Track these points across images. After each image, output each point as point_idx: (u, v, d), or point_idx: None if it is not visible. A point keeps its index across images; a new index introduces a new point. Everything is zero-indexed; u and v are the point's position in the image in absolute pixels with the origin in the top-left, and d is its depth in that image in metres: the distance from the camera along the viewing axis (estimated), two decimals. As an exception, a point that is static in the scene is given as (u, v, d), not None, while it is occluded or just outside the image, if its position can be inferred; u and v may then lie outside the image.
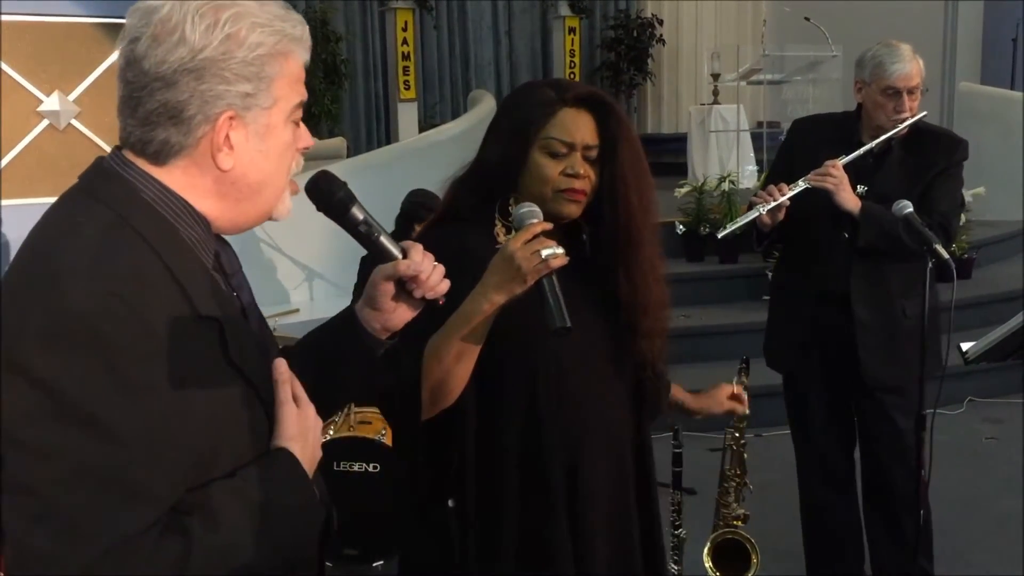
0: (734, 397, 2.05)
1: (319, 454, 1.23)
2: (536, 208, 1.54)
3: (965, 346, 1.97)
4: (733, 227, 2.82)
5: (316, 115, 8.96)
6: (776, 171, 3.09)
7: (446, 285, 1.32)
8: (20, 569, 0.98)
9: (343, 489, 3.31)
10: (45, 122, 4.14)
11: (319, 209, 1.28)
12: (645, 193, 1.67)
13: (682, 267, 6.12)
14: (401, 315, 1.33)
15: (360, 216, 1.29)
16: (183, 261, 1.10)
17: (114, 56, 1.17)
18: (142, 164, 1.12)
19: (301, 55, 1.16)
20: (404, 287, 1.31)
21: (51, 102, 4.14)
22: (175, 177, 1.12)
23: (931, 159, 2.84)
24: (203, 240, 1.14)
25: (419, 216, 3.94)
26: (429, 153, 6.45)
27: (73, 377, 0.97)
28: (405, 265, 1.28)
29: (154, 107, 1.09)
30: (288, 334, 3.23)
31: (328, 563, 1.41)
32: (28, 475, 0.97)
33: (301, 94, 1.17)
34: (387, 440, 3.36)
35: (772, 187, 2.74)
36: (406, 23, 9.15)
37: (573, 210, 1.65)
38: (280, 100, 1.14)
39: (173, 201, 1.12)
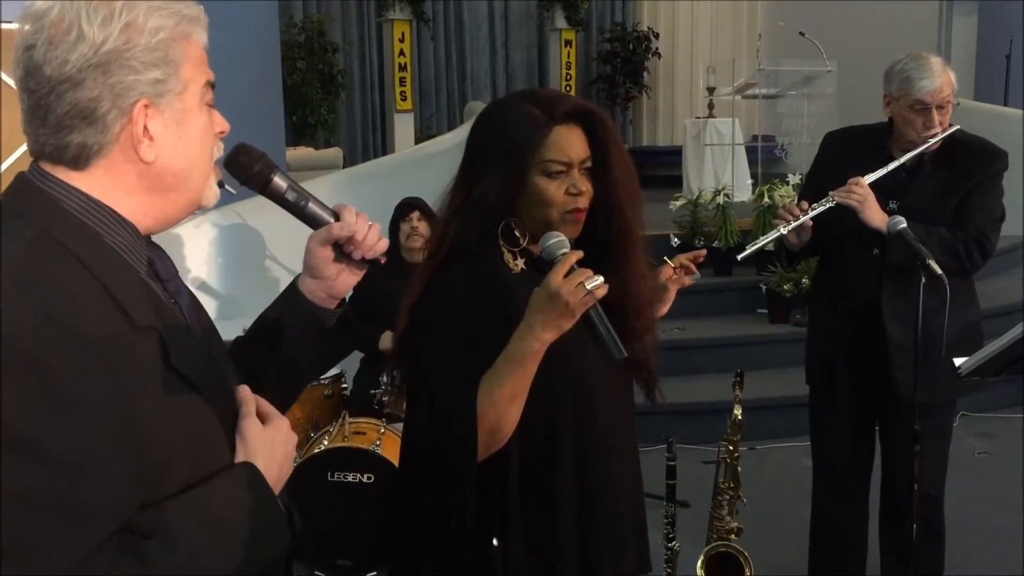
0: (674, 278, 1.95)
1: (288, 470, 1.19)
2: (564, 238, 1.52)
3: (958, 361, 1.96)
4: (754, 247, 2.71)
5: (313, 125, 8.99)
6: (809, 184, 3.01)
7: (384, 244, 1.31)
8: None
9: (337, 499, 3.30)
10: (42, 130, 4.15)
11: (241, 183, 1.26)
12: (635, 197, 1.68)
13: (677, 280, 6.12)
14: (344, 280, 1.32)
15: (284, 184, 1.27)
16: (113, 271, 1.06)
17: None
18: (62, 174, 1.08)
19: (200, 36, 1.13)
20: (343, 250, 1.29)
21: (48, 110, 4.15)
22: (97, 179, 1.08)
23: (966, 172, 2.72)
24: (132, 246, 1.10)
25: (402, 215, 3.96)
26: (425, 164, 6.45)
27: (6, 402, 0.93)
28: (339, 227, 1.27)
29: (65, 111, 1.05)
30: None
31: (321, 574, 1.40)
32: None
33: (208, 75, 1.14)
34: (381, 450, 3.36)
35: (794, 206, 2.69)
36: (403, 34, 9.18)
37: (574, 230, 1.64)
38: (190, 83, 1.11)
39: (96, 209, 1.08)
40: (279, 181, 1.26)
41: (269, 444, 1.15)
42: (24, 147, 4.06)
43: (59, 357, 0.95)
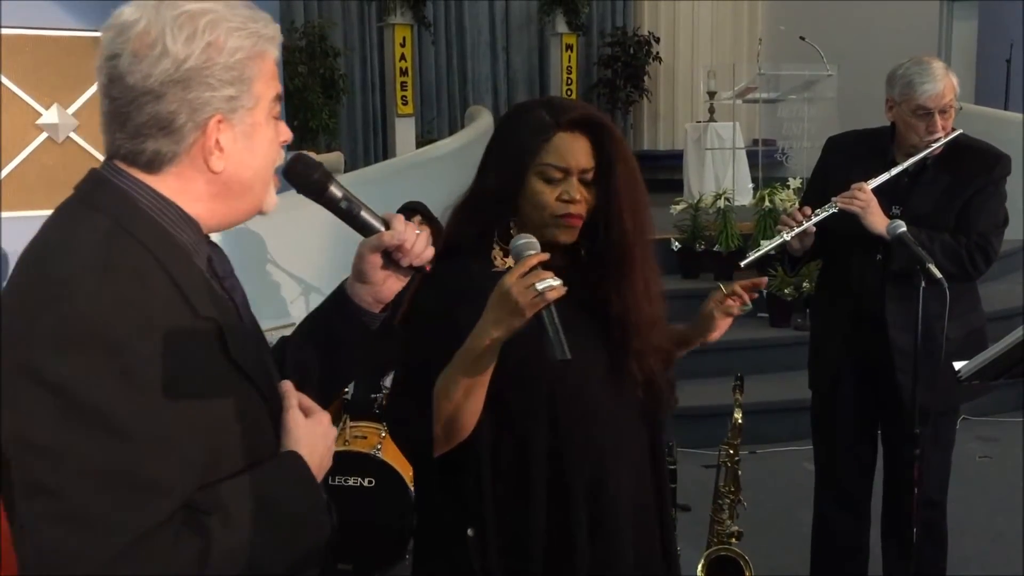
0: (727, 299, 1.88)
1: (328, 463, 1.25)
2: (534, 240, 1.52)
3: (958, 365, 1.96)
4: (757, 253, 2.69)
5: (314, 129, 8.98)
6: (812, 188, 3.01)
7: (430, 252, 1.36)
8: (44, 569, 1.01)
9: (338, 503, 3.28)
10: (44, 135, 4.15)
11: (299, 191, 1.31)
12: (640, 213, 1.67)
13: (677, 283, 6.12)
14: (391, 286, 1.38)
15: (339, 193, 1.32)
16: (180, 264, 1.13)
17: None
18: (135, 173, 1.14)
19: (273, 52, 1.20)
20: (391, 258, 1.35)
21: (50, 115, 4.15)
22: (168, 183, 1.15)
23: (969, 177, 2.72)
24: (196, 244, 1.18)
25: (405, 219, 3.98)
26: (426, 168, 6.46)
27: (83, 378, 1.00)
28: (389, 236, 1.32)
29: (144, 120, 1.11)
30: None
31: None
32: (45, 476, 1.00)
33: (277, 88, 1.21)
34: (382, 455, 3.36)
35: (797, 211, 2.68)
36: (404, 39, 9.19)
37: (569, 236, 1.65)
38: (261, 98, 1.17)
39: (166, 207, 1.15)
40: (335, 190, 1.32)
41: (311, 435, 1.21)
42: (22, 157, 4.08)
43: (133, 340, 1.02)
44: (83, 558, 0.99)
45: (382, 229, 1.33)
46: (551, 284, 1.42)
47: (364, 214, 1.33)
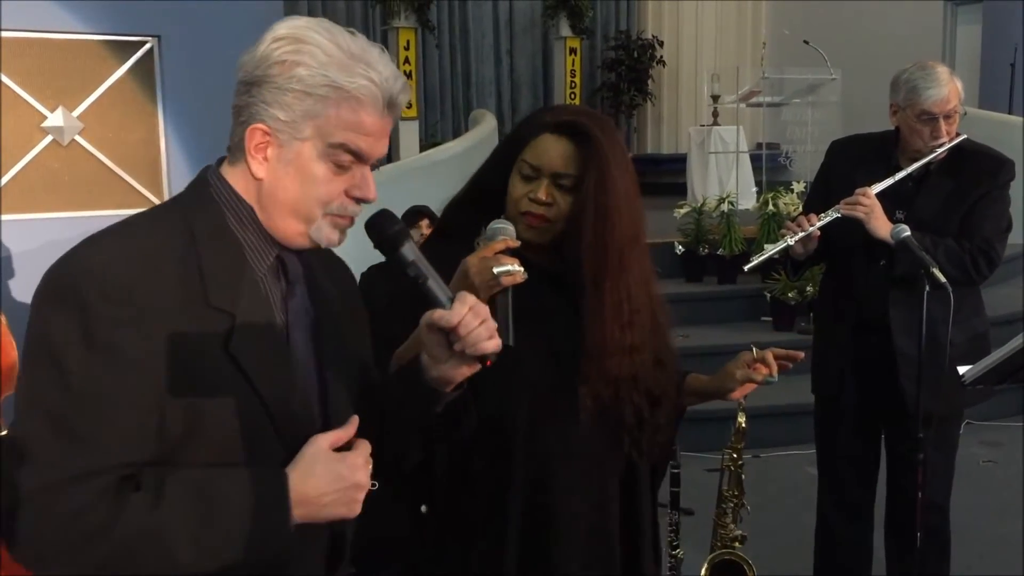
0: (754, 364, 1.80)
1: (335, 507, 1.20)
2: (509, 227, 1.54)
3: (962, 370, 1.96)
4: (760, 258, 2.69)
5: (318, 133, 9.00)
6: (815, 193, 3.00)
7: (495, 344, 1.24)
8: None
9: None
10: (49, 138, 4.16)
11: (374, 246, 1.28)
12: (610, 231, 1.58)
13: (681, 287, 6.12)
14: (456, 369, 1.27)
15: (409, 257, 1.26)
16: (220, 256, 1.19)
17: (118, 73, 1.23)
18: (225, 169, 1.25)
19: (356, 107, 1.20)
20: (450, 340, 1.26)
21: (55, 118, 4.16)
22: (239, 178, 1.24)
23: (973, 182, 2.71)
24: (257, 244, 1.23)
25: (410, 222, 3.99)
26: (430, 172, 6.47)
27: (53, 328, 1.10)
28: (439, 315, 1.23)
29: (234, 104, 1.23)
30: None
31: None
32: (18, 405, 1.13)
33: (347, 139, 1.21)
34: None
35: (802, 217, 2.68)
36: (408, 42, 9.19)
37: (532, 235, 1.62)
38: (317, 138, 1.21)
39: (238, 204, 1.23)
40: (405, 253, 1.26)
41: (315, 465, 1.19)
42: (27, 160, 4.09)
43: (101, 303, 1.09)
44: (18, 485, 1.08)
45: (445, 304, 1.24)
46: (509, 269, 1.43)
47: (430, 284, 1.25)
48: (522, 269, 1.45)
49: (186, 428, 1.13)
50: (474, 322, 1.23)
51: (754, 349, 1.82)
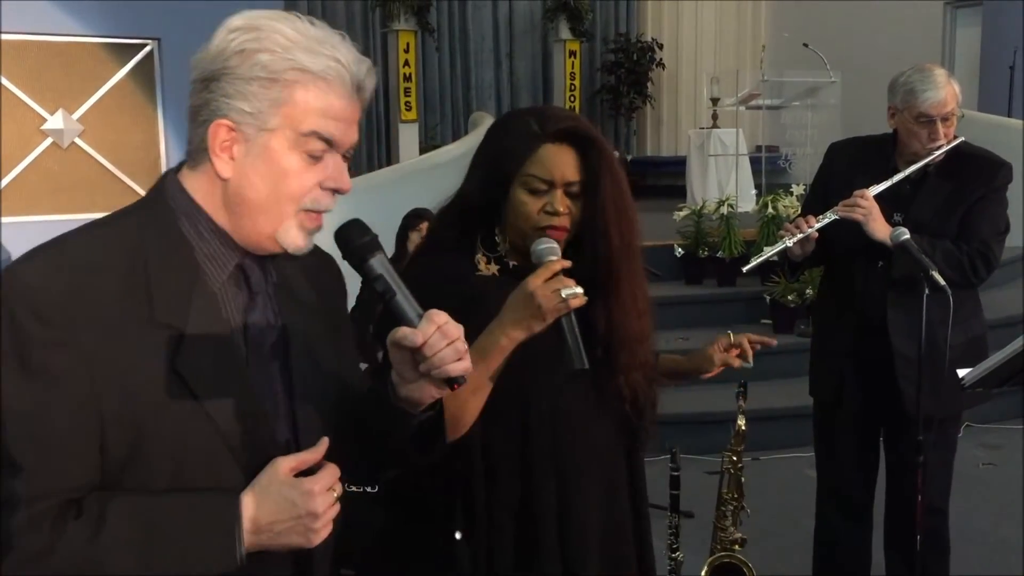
0: (731, 349, 1.93)
1: (289, 535, 1.12)
2: (555, 245, 1.54)
3: (962, 373, 1.96)
4: (759, 259, 2.71)
5: (317, 135, 8.99)
6: (813, 195, 3.00)
7: (463, 366, 1.17)
8: None
9: (340, 509, 3.30)
10: (49, 140, 4.17)
11: (343, 256, 1.22)
12: (627, 227, 1.64)
13: (680, 290, 6.12)
14: (424, 390, 1.21)
15: (377, 271, 1.19)
16: (170, 270, 1.12)
17: (118, 75, 1.21)
18: (185, 176, 1.18)
19: (324, 89, 1.14)
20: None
21: (55, 120, 4.17)
22: (201, 183, 1.17)
23: (970, 184, 2.72)
24: (218, 255, 1.16)
25: (411, 225, 4.00)
26: (430, 174, 6.47)
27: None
28: (403, 333, 1.16)
29: (188, 105, 1.17)
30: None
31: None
32: None
33: (316, 126, 1.15)
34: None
35: (800, 219, 2.68)
36: (408, 45, 9.20)
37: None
38: (285, 127, 1.14)
39: (196, 215, 1.16)
40: (373, 265, 1.19)
41: (267, 488, 1.11)
42: (27, 162, 4.09)
43: (33, 325, 1.04)
44: None
45: (413, 322, 1.16)
46: (575, 292, 1.44)
47: (398, 300, 1.18)
48: (582, 290, 1.45)
49: (131, 451, 1.08)
50: (441, 343, 1.15)
51: (730, 335, 1.94)
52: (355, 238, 1.19)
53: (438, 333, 1.15)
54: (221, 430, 1.12)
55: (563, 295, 1.42)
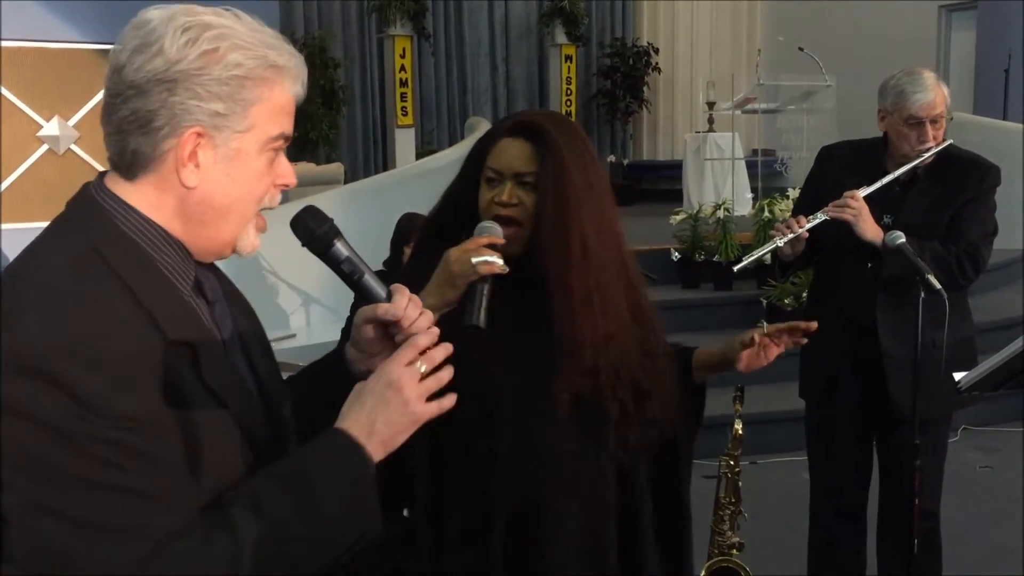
0: (757, 343, 1.92)
1: (381, 440, 1.15)
2: (496, 226, 1.57)
3: (958, 376, 1.97)
4: (750, 258, 2.75)
5: (314, 140, 9.02)
6: (805, 197, 3.03)
7: (434, 333, 1.21)
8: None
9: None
10: (45, 147, 4.17)
11: (303, 244, 1.23)
12: (571, 220, 1.59)
13: (677, 294, 6.13)
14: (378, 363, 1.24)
15: (343, 254, 1.23)
16: (154, 289, 1.09)
17: None
18: (119, 187, 1.11)
19: (289, 86, 1.14)
20: (387, 331, 1.24)
21: (51, 127, 4.17)
22: (145, 194, 1.11)
23: (959, 187, 2.75)
24: (178, 266, 1.13)
25: (409, 239, 3.99)
26: (426, 179, 6.47)
27: (28, 404, 0.97)
28: (383, 309, 1.21)
29: (125, 114, 1.08)
30: (287, 359, 3.23)
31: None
32: (42, 497, 0.98)
33: (283, 126, 1.15)
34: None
35: (791, 219, 2.70)
36: (404, 50, 9.22)
37: (507, 247, 1.60)
38: (256, 127, 1.12)
39: (148, 228, 1.11)
40: (339, 249, 1.23)
41: (359, 393, 1.15)
42: (23, 168, 4.10)
43: (79, 371, 0.98)
44: (107, 565, 0.98)
45: (383, 299, 1.23)
46: (488, 259, 1.47)
47: (367, 279, 1.23)
48: (502, 261, 1.48)
49: (190, 467, 1.07)
50: (415, 312, 1.21)
51: (764, 324, 1.92)
52: (315, 227, 1.22)
53: (411, 304, 1.22)
54: (242, 428, 1.14)
55: (474, 261, 1.46)
